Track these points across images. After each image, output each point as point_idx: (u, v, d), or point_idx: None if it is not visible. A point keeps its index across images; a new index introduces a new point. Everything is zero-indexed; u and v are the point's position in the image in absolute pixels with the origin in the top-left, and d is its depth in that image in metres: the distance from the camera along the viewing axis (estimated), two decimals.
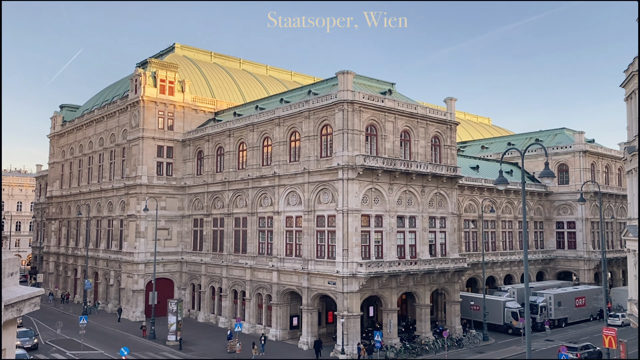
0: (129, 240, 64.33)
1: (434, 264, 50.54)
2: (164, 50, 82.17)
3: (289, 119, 52.94)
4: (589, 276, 73.68)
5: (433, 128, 54.07)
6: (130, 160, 65.99)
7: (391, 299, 48.45)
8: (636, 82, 28.74)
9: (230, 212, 59.53)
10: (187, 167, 66.50)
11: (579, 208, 74.15)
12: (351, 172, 46.10)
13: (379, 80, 56.80)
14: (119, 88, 78.12)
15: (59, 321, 51.44)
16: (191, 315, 63.58)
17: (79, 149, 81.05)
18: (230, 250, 59.01)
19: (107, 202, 71.68)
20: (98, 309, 66.25)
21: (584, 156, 75.25)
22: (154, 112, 65.34)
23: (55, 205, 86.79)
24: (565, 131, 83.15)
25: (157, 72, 66.27)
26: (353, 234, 45.88)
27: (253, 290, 54.95)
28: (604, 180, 78.45)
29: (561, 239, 77.32)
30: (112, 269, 68.16)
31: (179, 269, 65.48)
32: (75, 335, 50.07)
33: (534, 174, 77.04)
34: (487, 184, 68.39)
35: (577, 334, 56.47)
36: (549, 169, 21.48)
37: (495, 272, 70.04)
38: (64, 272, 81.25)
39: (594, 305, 64.61)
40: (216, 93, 74.90)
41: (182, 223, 66.28)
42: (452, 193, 55.20)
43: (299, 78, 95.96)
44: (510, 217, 72.98)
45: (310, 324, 48.41)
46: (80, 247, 76.61)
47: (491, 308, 56.44)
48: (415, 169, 50.38)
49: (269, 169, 54.78)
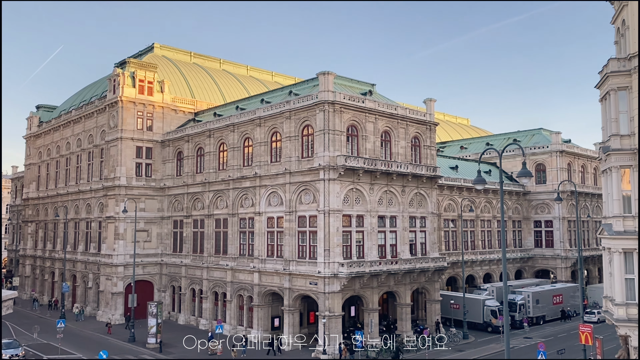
0: (107, 242, 63.48)
1: (414, 264, 50.93)
2: (143, 50, 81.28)
3: (270, 119, 52.84)
4: (566, 274, 74.94)
5: (413, 129, 54.49)
6: (108, 162, 65.15)
7: (372, 298, 48.67)
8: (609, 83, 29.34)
9: (210, 213, 59.16)
10: (166, 168, 65.89)
11: (556, 207, 75.40)
12: (332, 172, 46.20)
13: (360, 81, 57.04)
14: (97, 88, 77.08)
15: (36, 325, 50.54)
16: (171, 317, 63.00)
17: (56, 150, 79.75)
18: (211, 251, 58.64)
19: (85, 203, 70.65)
20: (84, 314, 63.96)
21: (561, 156, 76.54)
22: (133, 113, 64.61)
23: (31, 207, 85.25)
24: (543, 131, 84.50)
25: (136, 72, 65.56)
26: (334, 234, 45.98)
27: (234, 291, 54.69)
28: (580, 180, 79.90)
29: (539, 237, 78.52)
30: (90, 272, 67.20)
31: (159, 271, 64.83)
32: (52, 340, 49.22)
33: (512, 174, 78.09)
34: (466, 183, 69.14)
35: (555, 331, 57.41)
36: (526, 169, 21.81)
37: (475, 271, 70.81)
38: (41, 275, 79.84)
39: (571, 302, 65.74)
40: (196, 93, 74.37)
41: (162, 224, 65.65)
42: (432, 193, 55.68)
43: (280, 78, 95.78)
44: (489, 217, 73.87)
45: (292, 325, 48.37)
46: (58, 250, 75.37)
47: (471, 306, 57.03)
48: (396, 169, 50.71)
49: (250, 170, 54.59)
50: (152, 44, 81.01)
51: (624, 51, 30.06)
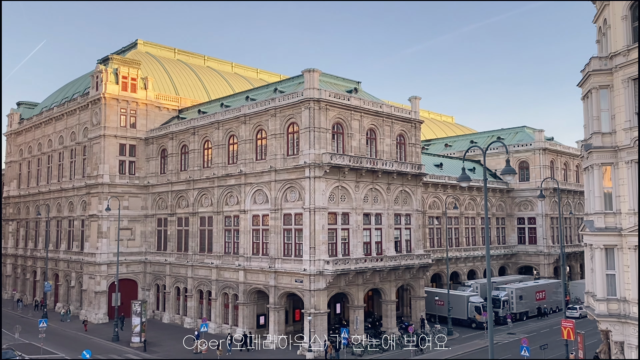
0: (90, 240, 62.76)
1: (399, 260, 51.17)
2: (126, 47, 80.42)
3: (255, 116, 52.63)
4: (549, 270, 75.88)
5: (398, 126, 54.68)
6: (91, 159, 64.38)
7: (358, 295, 48.81)
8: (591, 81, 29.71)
9: (195, 211, 58.80)
10: (150, 165, 65.31)
11: (539, 204, 76.25)
12: (318, 170, 46.18)
13: (345, 79, 57.06)
14: (80, 85, 76.09)
15: (17, 325, 49.81)
16: (156, 316, 62.55)
17: (37, 148, 78.61)
18: (196, 250, 58.30)
19: (67, 202, 69.77)
20: (70, 315, 62.67)
21: (544, 154, 77.39)
22: (116, 110, 63.91)
23: (12, 205, 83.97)
24: (526, 129, 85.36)
25: (119, 68, 64.83)
26: (320, 232, 45.99)
27: (219, 289, 54.45)
28: (563, 177, 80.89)
29: (522, 234, 79.38)
30: (73, 271, 66.42)
31: (143, 270, 64.30)
32: (34, 339, 48.55)
33: (495, 171, 78.78)
34: (450, 181, 69.60)
35: (538, 326, 58.10)
36: (510, 166, 21.98)
37: (459, 268, 71.37)
38: (22, 274, 78.73)
39: (553, 298, 66.56)
40: (180, 90, 73.79)
41: (146, 223, 65.09)
42: (417, 190, 55.96)
43: (265, 76, 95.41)
44: (473, 214, 74.46)
45: (278, 323, 48.31)
46: (40, 249, 74.35)
47: (455, 303, 57.46)
48: (381, 167, 50.85)
49: (235, 168, 54.35)
50: (136, 40, 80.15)
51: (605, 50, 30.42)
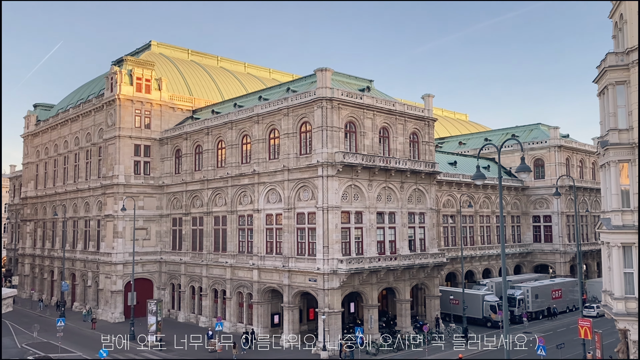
0: (106, 240, 63.43)
1: (413, 259, 50.98)
2: (140, 48, 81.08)
3: (268, 116, 52.76)
4: (565, 269, 75.08)
5: (411, 124, 54.44)
6: (106, 160, 65.04)
7: (372, 294, 48.72)
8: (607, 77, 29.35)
9: (209, 211, 59.12)
10: (165, 165, 65.81)
11: (555, 202, 75.46)
12: (331, 169, 46.17)
13: (358, 77, 56.95)
14: (95, 86, 76.89)
15: (36, 324, 50.53)
16: (171, 315, 63.03)
17: (54, 149, 79.60)
18: (210, 249, 58.63)
19: (83, 202, 70.57)
20: (91, 315, 61.67)
21: (559, 151, 76.57)
22: (131, 111, 64.49)
23: (30, 206, 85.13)
24: (541, 126, 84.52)
25: (133, 70, 65.39)
26: (333, 231, 45.98)
27: (233, 288, 54.70)
28: (579, 175, 79.96)
29: (538, 232, 78.62)
30: (89, 270, 67.17)
31: (158, 269, 64.83)
32: (52, 338, 49.23)
33: (510, 169, 78.12)
34: (464, 179, 69.18)
35: (554, 325, 57.52)
36: (525, 164, 21.79)
37: (474, 266, 70.91)
38: (40, 274, 79.79)
39: (570, 297, 65.86)
40: (194, 91, 74.24)
41: (161, 222, 65.60)
42: (431, 189, 55.69)
43: (278, 75, 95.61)
44: (488, 212, 73.92)
45: (292, 322, 48.40)
46: (57, 249, 75.30)
47: (470, 302, 57.10)
48: (394, 165, 50.69)
49: (249, 167, 54.54)
50: (150, 41, 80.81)
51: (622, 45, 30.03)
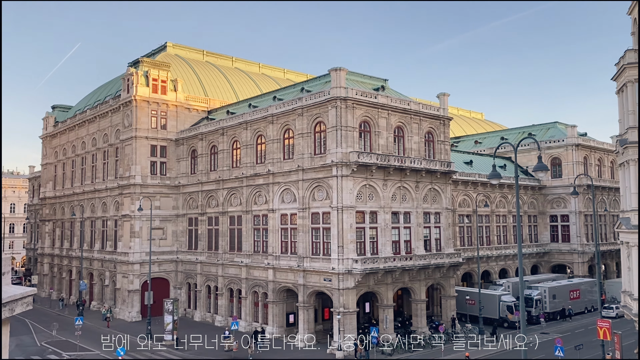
0: (123, 240, 64.10)
1: (429, 259, 50.69)
2: (156, 49, 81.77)
3: (282, 116, 52.87)
4: (583, 269, 74.10)
5: (426, 124, 54.15)
6: (123, 160, 65.73)
7: (387, 294, 48.56)
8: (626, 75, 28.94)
9: (224, 211, 59.43)
10: (180, 166, 66.32)
11: (572, 201, 74.52)
12: (345, 168, 46.11)
13: (372, 77, 56.80)
14: (111, 88, 77.73)
15: (55, 322, 51.23)
16: (187, 314, 63.49)
17: (71, 150, 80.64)
18: (226, 248, 58.92)
19: (101, 202, 71.39)
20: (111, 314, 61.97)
21: (577, 149, 75.59)
22: (147, 112, 65.08)
23: (48, 206, 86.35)
24: (558, 125, 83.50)
25: (149, 71, 65.97)
26: (348, 231, 45.92)
27: (249, 288, 54.92)
28: (597, 173, 78.86)
29: (555, 232, 77.69)
30: (107, 270, 67.92)
31: (175, 269, 65.34)
32: (71, 337, 49.89)
33: (527, 168, 77.30)
34: (480, 178, 68.62)
35: (572, 326, 56.81)
36: (542, 163, 21.54)
37: (490, 267, 70.32)
38: (59, 273, 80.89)
39: (588, 297, 64.99)
40: (209, 91, 74.68)
41: (177, 222, 66.11)
42: (446, 188, 55.34)
43: (292, 75, 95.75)
44: (504, 212, 73.24)
45: (307, 321, 48.46)
46: (75, 248, 76.28)
47: (487, 302, 56.65)
48: (409, 164, 50.46)
49: (263, 167, 54.71)
50: (165, 42, 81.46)
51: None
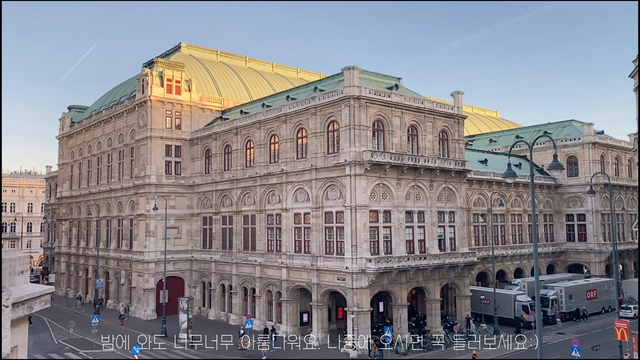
0: (139, 239, 64.69)
1: (443, 259, 50.43)
2: (170, 50, 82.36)
3: (296, 115, 52.94)
4: (600, 269, 73.19)
5: (440, 122, 53.85)
6: (138, 160, 66.31)
7: (401, 294, 48.41)
8: None
9: (238, 210, 59.68)
10: (195, 165, 66.73)
11: (589, 200, 73.63)
12: (359, 167, 46.04)
13: (385, 75, 56.63)
14: (126, 88, 78.45)
15: (72, 321, 51.88)
16: (202, 312, 63.88)
17: (87, 150, 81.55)
18: (240, 247, 59.18)
19: (116, 202, 72.10)
20: (129, 312, 62.90)
21: (594, 148, 74.67)
22: (162, 112, 65.57)
23: (65, 205, 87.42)
24: (574, 123, 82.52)
25: (164, 71, 66.46)
26: (361, 230, 45.85)
27: (263, 287, 55.10)
28: (614, 172, 77.82)
29: (571, 231, 76.82)
30: (122, 268, 68.59)
31: (189, 267, 65.78)
32: (87, 334, 50.50)
33: (542, 167, 76.54)
34: (495, 177, 68.11)
35: (589, 326, 56.17)
36: (557, 161, 21.32)
37: (505, 266, 69.77)
38: (75, 272, 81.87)
39: (605, 297, 64.19)
40: (223, 91, 75.03)
41: (192, 221, 66.54)
42: (461, 187, 54.99)
43: (305, 75, 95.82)
44: (520, 211, 72.60)
45: (321, 320, 48.50)
46: (91, 247, 77.14)
47: (502, 302, 56.22)
48: (423, 163, 50.22)
49: (277, 166, 54.84)
50: (179, 43, 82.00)
51: None
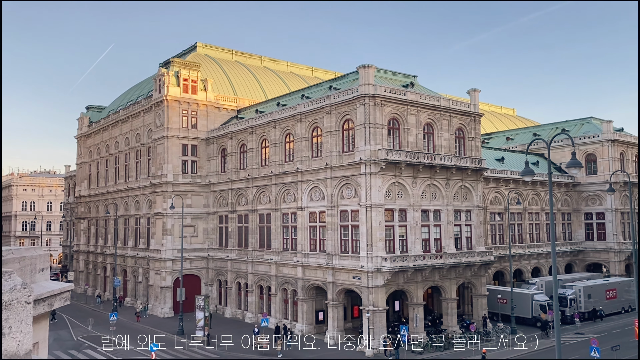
0: (156, 237, 65.30)
1: (459, 258, 50.09)
2: (186, 50, 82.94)
3: (311, 114, 52.96)
4: (620, 268, 72.13)
5: (457, 120, 53.47)
6: (155, 159, 66.92)
7: (417, 293, 48.21)
8: None
9: (254, 209, 59.93)
10: (211, 164, 67.15)
11: (608, 198, 72.54)
12: (374, 166, 45.92)
13: (401, 73, 56.37)
14: (143, 88, 79.19)
15: (90, 318, 52.58)
16: (218, 310, 64.29)
17: (105, 149, 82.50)
18: (255, 246, 59.44)
19: (134, 200, 72.85)
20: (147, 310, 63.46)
21: (613, 145, 73.54)
22: (178, 111, 66.07)
23: (83, 204, 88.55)
24: (593, 120, 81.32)
25: (180, 71, 66.94)
26: (377, 229, 45.73)
27: (278, 285, 55.28)
28: (634, 170, 76.59)
29: (590, 230, 75.79)
30: (140, 267, 69.29)
31: (206, 265, 66.24)
32: (105, 332, 51.10)
33: (560, 165, 75.59)
34: (512, 175, 67.44)
35: (609, 326, 55.39)
36: (576, 159, 20.99)
37: (523, 265, 69.09)
38: (94, 270, 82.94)
39: (625, 297, 63.24)
40: (238, 91, 75.36)
41: (208, 220, 66.99)
42: (477, 185, 54.56)
43: (320, 73, 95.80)
44: (537, 209, 71.82)
45: (336, 319, 48.52)
46: (109, 245, 78.06)
47: (519, 301, 55.68)
48: (439, 162, 49.92)
49: (292, 165, 54.94)
50: (195, 43, 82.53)
51: None
